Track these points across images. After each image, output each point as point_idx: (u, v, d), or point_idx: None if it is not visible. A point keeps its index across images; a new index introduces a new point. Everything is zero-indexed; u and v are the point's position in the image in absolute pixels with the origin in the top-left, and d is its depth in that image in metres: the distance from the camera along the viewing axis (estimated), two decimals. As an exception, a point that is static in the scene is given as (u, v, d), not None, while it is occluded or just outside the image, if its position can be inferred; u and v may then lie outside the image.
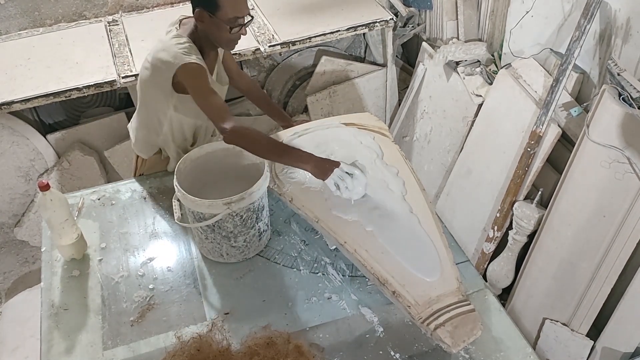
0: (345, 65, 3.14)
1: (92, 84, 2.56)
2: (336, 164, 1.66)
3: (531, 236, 2.37)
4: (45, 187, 1.61)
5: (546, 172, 2.35)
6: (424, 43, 3.03)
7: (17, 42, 2.87)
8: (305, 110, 3.22)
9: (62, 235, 1.70)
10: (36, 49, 2.80)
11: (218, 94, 1.75)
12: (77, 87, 2.55)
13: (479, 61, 2.76)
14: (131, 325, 1.57)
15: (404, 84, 3.35)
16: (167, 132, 1.96)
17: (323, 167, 1.65)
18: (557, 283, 2.23)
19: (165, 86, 1.80)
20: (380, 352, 1.48)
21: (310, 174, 1.69)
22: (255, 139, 1.66)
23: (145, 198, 1.98)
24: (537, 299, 2.31)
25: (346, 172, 1.65)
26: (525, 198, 2.41)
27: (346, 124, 2.01)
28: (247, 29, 1.78)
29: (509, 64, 2.54)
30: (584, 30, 2.05)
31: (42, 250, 1.82)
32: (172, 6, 3.12)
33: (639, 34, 1.93)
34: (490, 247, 2.51)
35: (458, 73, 2.76)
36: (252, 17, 1.77)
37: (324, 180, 1.66)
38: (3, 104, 2.48)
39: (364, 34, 3.22)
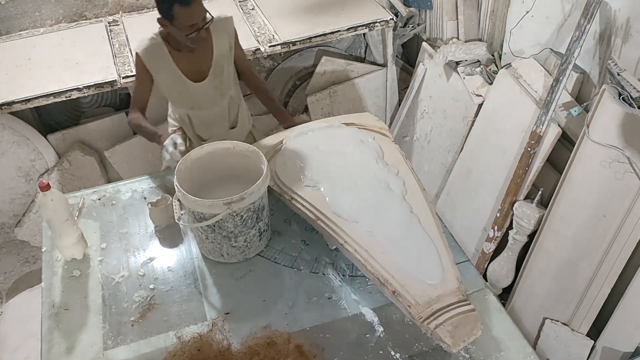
0: (345, 65, 3.14)
1: (93, 84, 2.57)
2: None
3: (531, 236, 2.37)
4: (45, 187, 1.61)
5: (546, 172, 2.35)
6: (424, 43, 3.03)
7: (18, 42, 2.87)
8: (306, 110, 3.22)
9: (63, 235, 1.70)
10: (37, 49, 2.80)
11: (140, 84, 2.06)
12: (78, 87, 2.55)
13: (479, 61, 2.76)
14: (132, 325, 1.57)
15: (404, 84, 3.35)
16: (179, 119, 2.22)
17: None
18: (557, 283, 2.23)
19: None
20: (380, 352, 1.48)
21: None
22: (132, 124, 2.09)
23: (145, 198, 1.98)
24: (537, 298, 2.31)
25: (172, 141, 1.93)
26: (526, 198, 2.41)
27: (346, 124, 2.01)
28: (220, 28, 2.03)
29: (509, 64, 2.54)
30: (584, 30, 2.05)
31: (42, 250, 1.82)
32: (173, 6, 3.12)
33: (639, 34, 1.93)
34: (490, 247, 2.51)
35: (458, 73, 2.76)
36: (212, 17, 1.93)
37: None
38: (3, 104, 2.48)
39: (364, 34, 3.22)
